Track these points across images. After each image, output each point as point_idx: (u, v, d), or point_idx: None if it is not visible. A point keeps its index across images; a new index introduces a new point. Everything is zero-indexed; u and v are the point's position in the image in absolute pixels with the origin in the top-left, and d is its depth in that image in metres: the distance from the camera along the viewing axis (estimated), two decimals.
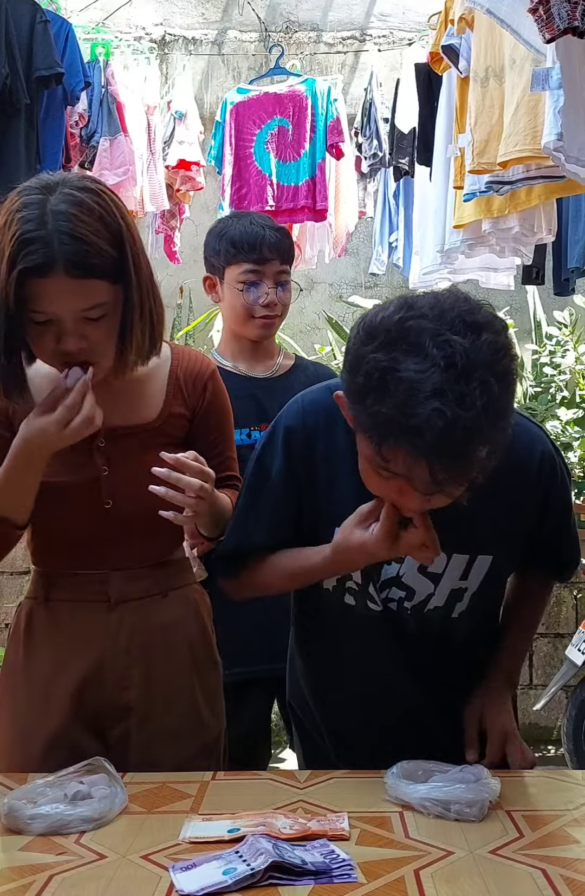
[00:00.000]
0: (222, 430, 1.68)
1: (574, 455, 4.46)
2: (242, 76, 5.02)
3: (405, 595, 1.47)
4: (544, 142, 2.16)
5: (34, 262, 1.36)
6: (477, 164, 2.62)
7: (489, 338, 1.19)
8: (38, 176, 1.47)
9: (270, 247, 2.13)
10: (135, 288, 1.45)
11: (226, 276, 2.19)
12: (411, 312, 1.20)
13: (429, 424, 1.14)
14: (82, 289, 1.39)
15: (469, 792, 1.27)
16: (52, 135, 3.36)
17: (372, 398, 1.18)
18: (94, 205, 1.41)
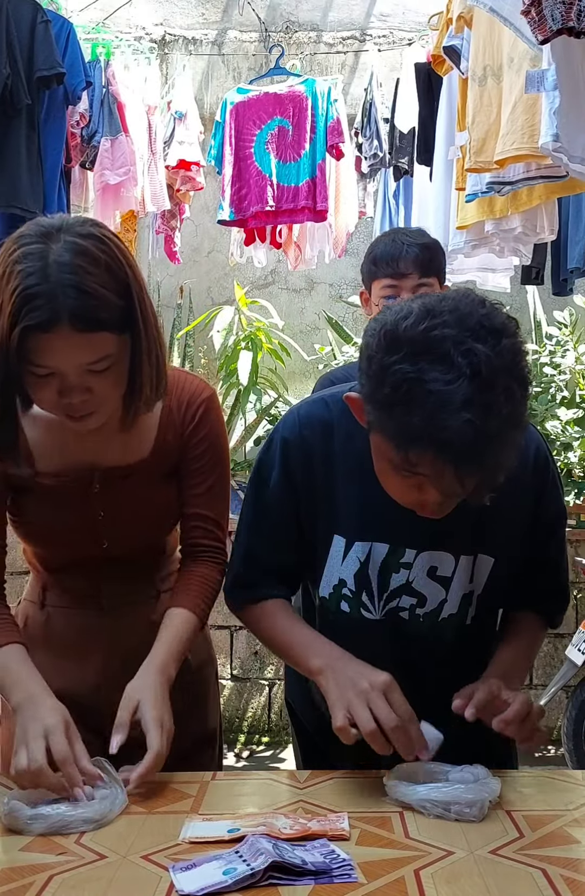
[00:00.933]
0: (209, 463, 1.59)
1: (574, 455, 4.46)
2: (242, 76, 5.02)
3: (416, 602, 1.47)
4: (541, 143, 2.17)
5: (38, 320, 1.28)
6: (475, 162, 2.62)
7: (507, 343, 1.21)
8: (37, 221, 1.38)
9: (407, 262, 2.18)
10: (143, 337, 1.40)
11: (371, 292, 2.28)
12: (434, 321, 1.20)
13: (460, 435, 1.16)
14: (88, 342, 1.32)
15: (468, 792, 1.27)
16: (54, 135, 3.36)
17: (401, 409, 1.19)
18: (99, 253, 1.33)
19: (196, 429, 1.57)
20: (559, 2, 1.85)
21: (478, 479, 1.22)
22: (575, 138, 2.16)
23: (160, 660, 1.47)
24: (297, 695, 1.67)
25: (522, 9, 1.94)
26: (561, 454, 4.46)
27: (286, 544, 1.51)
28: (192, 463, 1.58)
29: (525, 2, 1.92)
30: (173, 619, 1.53)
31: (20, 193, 3.16)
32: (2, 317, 1.30)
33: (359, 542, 1.46)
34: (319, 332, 5.10)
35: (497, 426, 1.17)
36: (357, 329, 5.09)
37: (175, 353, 5.05)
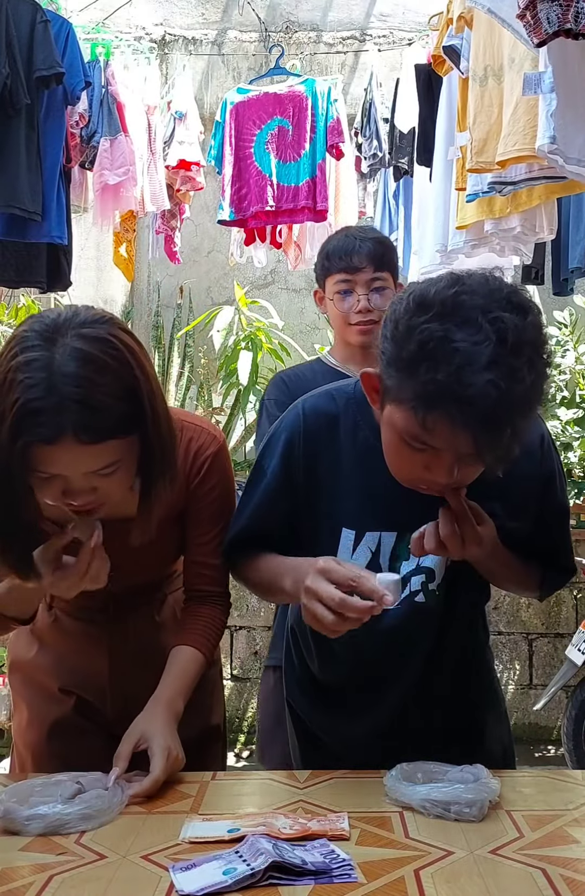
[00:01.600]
0: (216, 512, 1.57)
1: (574, 455, 4.46)
2: (242, 76, 5.03)
3: (426, 577, 1.47)
4: (538, 145, 2.17)
5: (41, 436, 1.23)
6: (476, 162, 2.62)
7: (533, 319, 1.23)
8: (40, 318, 1.30)
9: (361, 256, 2.19)
10: (155, 439, 1.34)
11: (326, 288, 2.28)
12: (463, 288, 1.23)
13: (483, 394, 1.16)
14: (93, 452, 1.27)
15: (468, 792, 1.27)
16: (53, 135, 3.35)
17: (426, 366, 1.19)
18: (106, 359, 1.26)
19: (202, 482, 1.55)
20: (555, 4, 1.85)
21: (494, 448, 1.22)
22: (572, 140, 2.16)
23: (167, 695, 1.47)
24: (297, 694, 1.67)
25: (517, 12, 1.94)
26: (561, 454, 4.46)
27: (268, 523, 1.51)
28: (199, 513, 1.57)
29: (520, 5, 1.92)
30: (180, 656, 1.53)
31: (19, 194, 3.16)
32: (2, 426, 1.25)
33: (369, 532, 1.46)
34: (319, 332, 5.10)
35: (520, 393, 1.18)
36: None
37: (175, 353, 5.06)
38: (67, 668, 1.62)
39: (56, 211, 3.37)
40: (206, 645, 1.56)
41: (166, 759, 1.37)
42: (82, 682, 1.61)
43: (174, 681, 1.50)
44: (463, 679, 1.56)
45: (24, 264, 3.42)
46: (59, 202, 3.39)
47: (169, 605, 1.67)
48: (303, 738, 1.67)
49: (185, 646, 1.54)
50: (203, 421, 1.60)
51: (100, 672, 1.59)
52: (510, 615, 4.55)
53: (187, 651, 1.54)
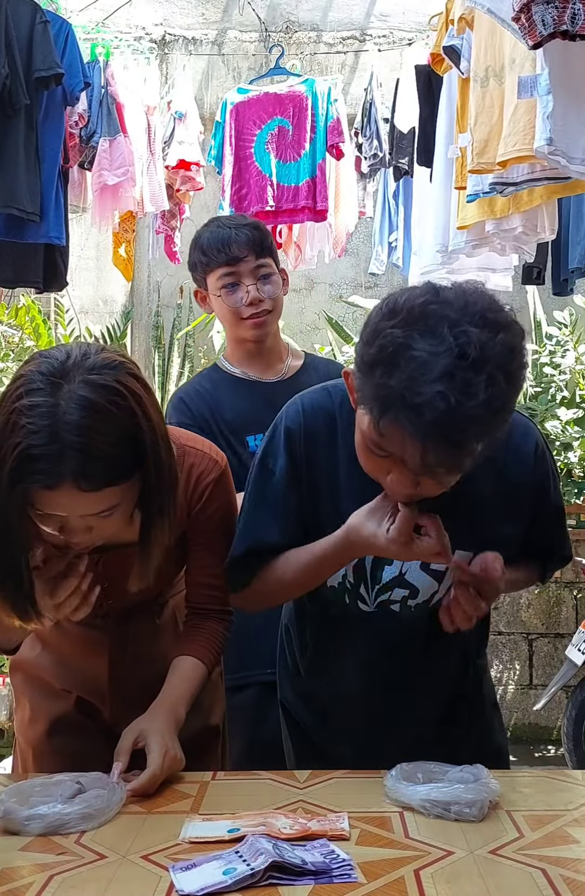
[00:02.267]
0: (218, 534, 1.56)
1: (574, 455, 4.46)
2: (242, 76, 5.03)
3: (408, 593, 1.48)
4: (535, 146, 2.17)
5: (41, 483, 1.24)
6: (477, 163, 2.62)
7: (505, 338, 1.21)
8: (48, 358, 1.29)
9: (240, 245, 2.06)
10: (155, 488, 1.34)
11: (208, 286, 2.13)
12: (437, 299, 1.22)
13: (431, 406, 1.15)
14: (92, 498, 1.28)
15: (469, 792, 1.27)
16: (52, 135, 3.35)
17: (381, 370, 1.19)
18: (111, 408, 1.25)
19: (204, 507, 1.54)
20: (550, 6, 1.85)
21: (444, 459, 1.21)
22: (576, 140, 2.16)
23: (168, 700, 1.48)
24: (291, 694, 1.67)
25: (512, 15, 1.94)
26: (561, 454, 4.46)
27: (290, 529, 1.49)
28: (201, 536, 1.57)
29: (515, 8, 1.92)
30: (182, 665, 1.54)
31: (18, 194, 3.16)
32: (2, 467, 1.25)
33: None
34: (319, 331, 5.11)
35: (472, 407, 1.16)
36: (357, 329, 5.08)
37: (175, 353, 5.06)
38: (68, 669, 1.63)
39: (54, 211, 3.36)
40: (208, 656, 1.56)
41: (163, 755, 1.37)
42: (82, 684, 1.62)
43: (175, 688, 1.50)
44: (455, 681, 1.56)
45: (20, 264, 3.42)
46: (57, 203, 3.39)
47: (169, 608, 1.67)
48: (298, 739, 1.67)
49: (188, 656, 1.54)
50: (204, 444, 1.59)
51: (101, 675, 1.60)
52: (510, 615, 4.55)
53: (189, 661, 1.54)
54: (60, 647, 1.63)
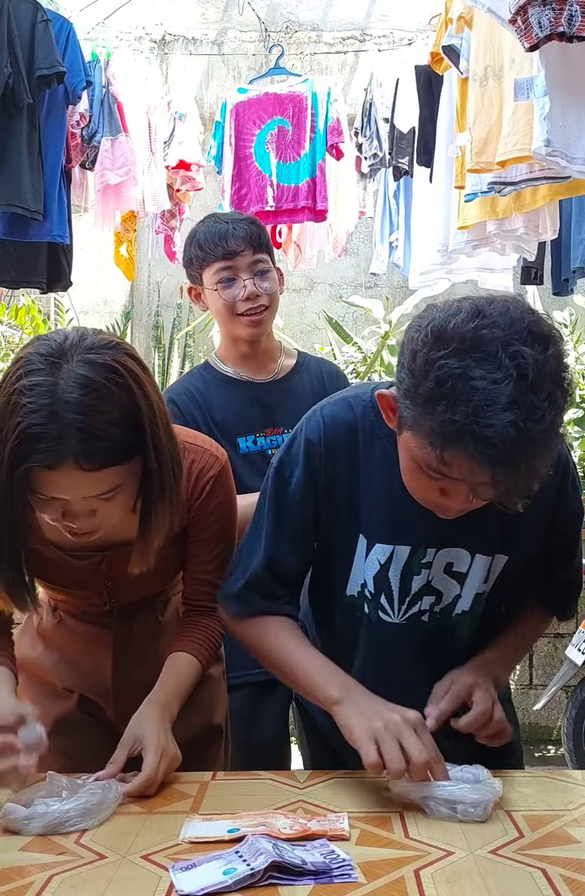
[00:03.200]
0: (217, 533, 1.57)
1: (575, 455, 4.46)
2: (242, 76, 5.03)
3: (434, 600, 1.47)
4: (533, 148, 2.17)
5: (42, 462, 1.24)
6: (476, 162, 2.62)
7: (554, 351, 1.21)
8: (46, 340, 1.29)
9: (237, 239, 2.03)
10: (155, 469, 1.34)
11: (204, 282, 2.10)
12: (484, 321, 1.20)
13: (503, 436, 1.15)
14: (94, 479, 1.27)
15: (474, 792, 1.27)
16: (54, 134, 3.35)
17: (444, 405, 1.17)
18: (110, 387, 1.26)
19: (204, 503, 1.54)
20: (547, 8, 1.85)
21: (512, 483, 1.21)
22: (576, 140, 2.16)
23: (162, 698, 1.47)
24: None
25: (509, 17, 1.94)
26: None
27: (305, 546, 1.49)
28: (200, 534, 1.56)
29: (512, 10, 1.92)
30: (176, 661, 1.53)
31: (21, 193, 3.16)
32: (3, 448, 1.25)
33: (380, 543, 1.45)
34: (319, 331, 5.11)
35: (540, 431, 1.17)
36: (357, 329, 5.09)
37: (175, 353, 5.06)
38: (71, 668, 1.63)
39: (57, 210, 3.37)
40: (203, 653, 1.56)
41: (158, 757, 1.37)
42: (86, 682, 1.62)
43: (169, 685, 1.50)
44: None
45: (24, 264, 3.42)
46: (60, 201, 3.39)
47: (172, 605, 1.68)
48: (314, 738, 1.66)
49: (182, 652, 1.54)
50: (205, 441, 1.59)
51: (104, 673, 1.60)
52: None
53: (184, 657, 1.54)
54: (63, 646, 1.63)
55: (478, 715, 1.38)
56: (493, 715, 1.39)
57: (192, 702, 1.55)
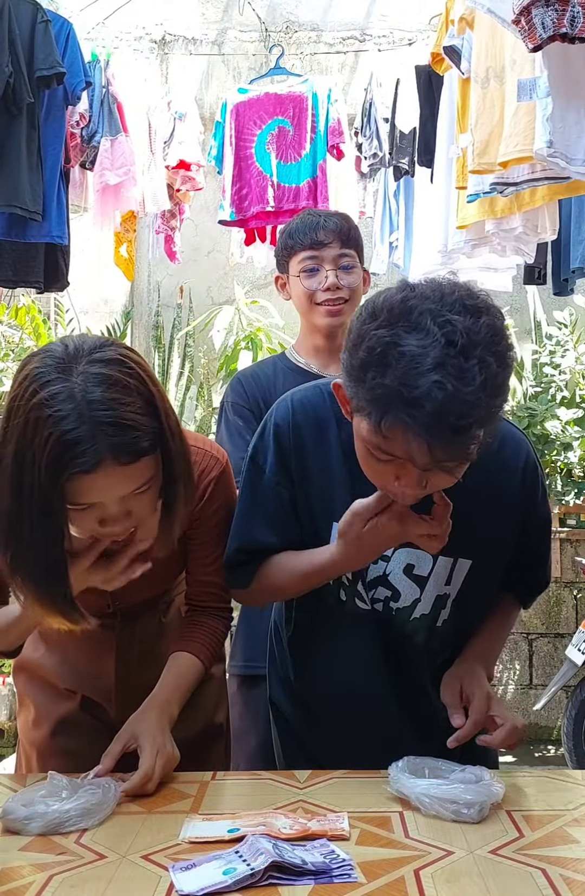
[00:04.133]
0: (220, 534, 1.56)
1: (575, 455, 4.46)
2: (242, 76, 5.02)
3: (391, 595, 1.48)
4: (535, 149, 2.17)
5: (84, 467, 1.22)
6: (478, 164, 2.62)
7: (487, 321, 1.22)
8: (49, 352, 1.28)
9: (327, 231, 2.09)
10: (175, 457, 1.35)
11: (289, 270, 2.16)
12: (413, 293, 1.23)
13: (430, 396, 1.16)
14: (131, 473, 1.27)
15: (468, 793, 1.27)
16: (53, 135, 3.35)
17: (374, 372, 1.20)
18: (127, 379, 1.27)
19: (206, 505, 1.54)
20: (550, 9, 1.86)
21: (450, 449, 1.21)
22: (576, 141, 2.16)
23: (162, 698, 1.48)
24: (281, 695, 1.66)
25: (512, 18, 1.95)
26: (561, 454, 4.46)
27: (283, 527, 1.50)
28: (202, 535, 1.57)
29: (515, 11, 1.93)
30: (178, 661, 1.54)
31: (20, 193, 3.16)
32: (35, 468, 1.23)
33: None
34: None
35: (470, 393, 1.17)
36: None
37: (175, 353, 5.06)
38: (74, 669, 1.62)
39: (56, 211, 3.37)
40: (205, 653, 1.56)
41: (155, 754, 1.37)
42: (88, 683, 1.62)
43: (170, 685, 1.50)
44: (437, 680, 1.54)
45: (21, 264, 3.42)
46: (59, 202, 3.39)
47: (175, 606, 1.68)
48: (288, 740, 1.66)
49: (184, 652, 1.54)
50: (206, 443, 1.60)
51: (107, 673, 1.60)
52: None
53: (185, 657, 1.54)
54: (65, 647, 1.62)
55: (509, 731, 1.40)
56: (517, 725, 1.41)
57: (194, 701, 1.55)
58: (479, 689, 1.44)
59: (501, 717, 1.41)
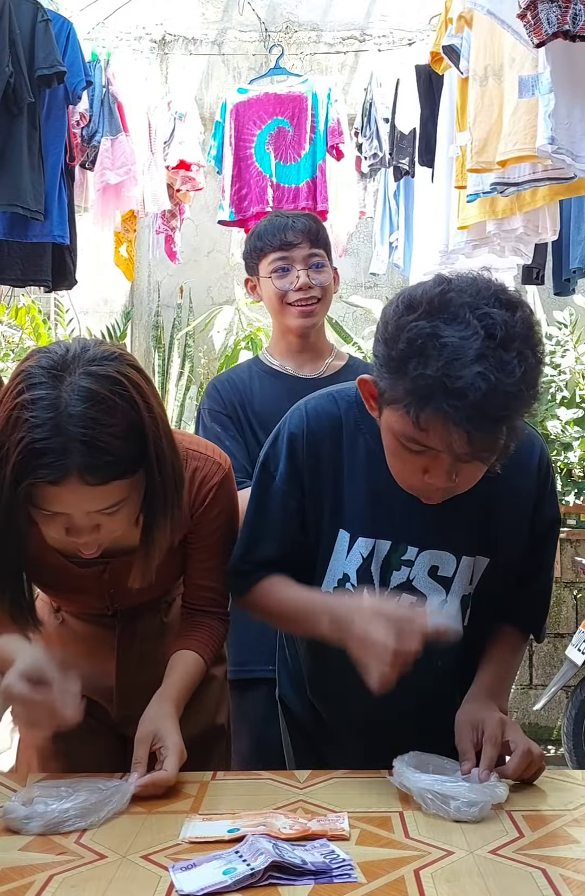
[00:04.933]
0: (219, 540, 1.55)
1: (574, 455, 4.46)
2: (242, 76, 5.02)
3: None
4: (538, 145, 2.17)
5: (47, 478, 1.22)
6: (476, 162, 2.62)
7: (522, 315, 1.24)
8: (48, 352, 1.28)
9: (296, 232, 2.09)
10: (158, 482, 1.32)
11: (259, 272, 2.15)
12: (451, 286, 1.25)
13: (473, 387, 1.17)
14: (98, 493, 1.26)
15: (471, 791, 1.27)
16: (54, 134, 3.35)
17: (415, 363, 1.20)
18: (115, 399, 1.24)
19: (206, 511, 1.53)
20: (554, 5, 1.86)
21: (487, 441, 1.23)
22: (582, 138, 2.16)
23: (174, 694, 1.47)
24: (290, 691, 1.66)
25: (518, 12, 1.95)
26: (561, 454, 4.46)
27: (286, 535, 1.50)
28: (202, 540, 1.56)
29: (521, 5, 1.93)
30: (184, 659, 1.53)
31: (22, 192, 3.15)
32: (5, 465, 1.23)
33: (363, 537, 1.46)
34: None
35: (511, 384, 1.19)
36: (357, 329, 5.09)
37: (175, 353, 5.06)
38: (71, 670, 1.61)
39: (57, 210, 3.36)
40: (207, 652, 1.56)
41: (179, 758, 1.37)
42: (89, 684, 1.60)
43: (178, 681, 1.50)
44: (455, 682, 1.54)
45: (29, 263, 3.41)
46: (60, 202, 3.39)
47: (176, 606, 1.67)
48: (297, 736, 1.66)
49: (187, 651, 1.54)
50: (208, 448, 1.58)
51: (108, 673, 1.59)
52: None
53: (190, 655, 1.53)
54: (67, 649, 1.62)
55: (523, 757, 1.36)
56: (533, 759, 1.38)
57: (196, 702, 1.55)
58: (490, 717, 1.41)
59: (514, 741, 1.38)
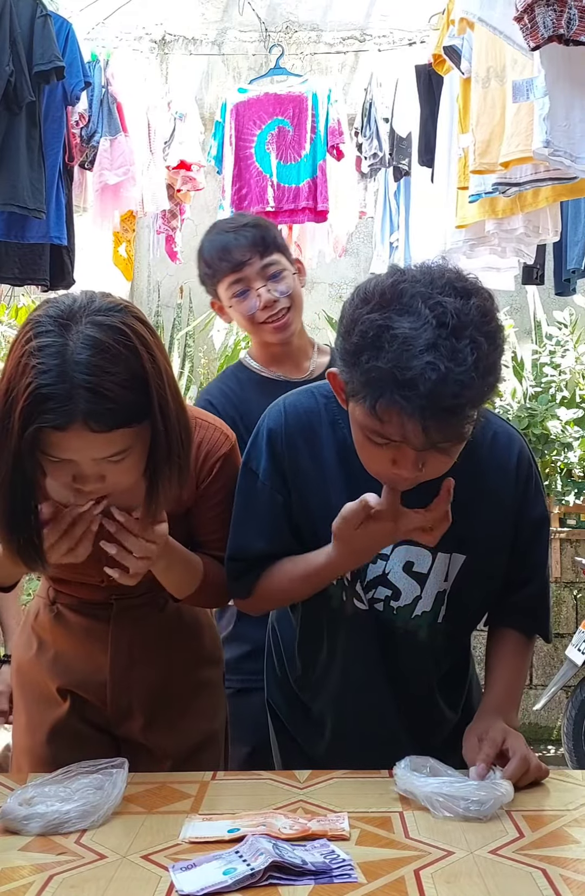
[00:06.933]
0: (225, 512, 1.55)
1: (574, 455, 4.46)
2: (242, 76, 5.03)
3: (391, 594, 1.48)
4: (533, 148, 2.17)
5: (52, 423, 1.24)
6: (479, 164, 2.62)
7: (477, 302, 1.24)
8: (56, 302, 1.31)
9: (242, 249, 1.95)
10: (162, 433, 1.33)
11: (220, 296, 2.03)
12: (403, 276, 1.26)
13: (423, 377, 1.18)
14: (104, 440, 1.28)
15: (481, 789, 1.27)
16: (52, 135, 3.35)
17: (367, 355, 1.22)
18: (119, 348, 1.27)
19: (212, 482, 1.54)
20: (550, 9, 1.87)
21: (444, 429, 1.23)
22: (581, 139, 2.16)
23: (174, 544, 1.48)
24: (279, 696, 1.66)
25: (515, 15, 1.95)
26: (561, 454, 4.46)
27: (276, 532, 1.49)
28: (208, 511, 1.56)
29: (518, 8, 1.93)
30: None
31: (19, 191, 3.15)
32: (14, 410, 1.26)
33: None
34: (319, 331, 5.10)
35: (462, 371, 1.19)
36: None
37: (175, 353, 5.06)
38: (68, 665, 1.61)
39: (55, 211, 3.37)
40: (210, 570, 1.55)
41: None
42: (82, 679, 1.60)
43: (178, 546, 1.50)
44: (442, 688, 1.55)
45: (27, 262, 3.42)
46: (57, 203, 3.39)
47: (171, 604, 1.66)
48: (284, 741, 1.66)
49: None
50: (216, 419, 1.59)
51: (102, 667, 1.58)
52: None
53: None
54: (59, 642, 1.61)
55: (520, 761, 1.36)
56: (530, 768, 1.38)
57: (192, 708, 1.54)
58: (494, 726, 1.42)
59: (513, 748, 1.38)
